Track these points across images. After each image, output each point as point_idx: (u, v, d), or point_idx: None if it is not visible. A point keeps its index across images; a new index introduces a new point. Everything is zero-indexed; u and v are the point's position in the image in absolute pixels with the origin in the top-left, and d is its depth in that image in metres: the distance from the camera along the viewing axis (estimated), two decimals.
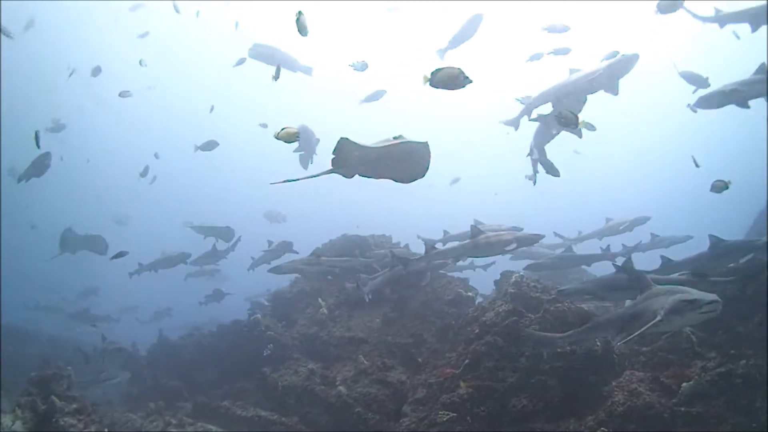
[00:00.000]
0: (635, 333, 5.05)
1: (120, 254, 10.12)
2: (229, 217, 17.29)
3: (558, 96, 9.39)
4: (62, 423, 6.88)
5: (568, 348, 6.49)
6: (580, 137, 9.37)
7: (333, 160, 5.32)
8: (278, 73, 8.30)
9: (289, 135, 5.63)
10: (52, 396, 7.02)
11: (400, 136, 5.24)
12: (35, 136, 8.69)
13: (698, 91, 9.17)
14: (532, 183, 10.55)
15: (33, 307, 18.65)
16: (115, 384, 11.20)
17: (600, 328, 6.04)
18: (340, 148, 5.14)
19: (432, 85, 5.46)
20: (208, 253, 12.96)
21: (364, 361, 8.26)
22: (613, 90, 9.03)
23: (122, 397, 10.53)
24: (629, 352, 6.83)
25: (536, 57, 11.93)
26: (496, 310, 7.20)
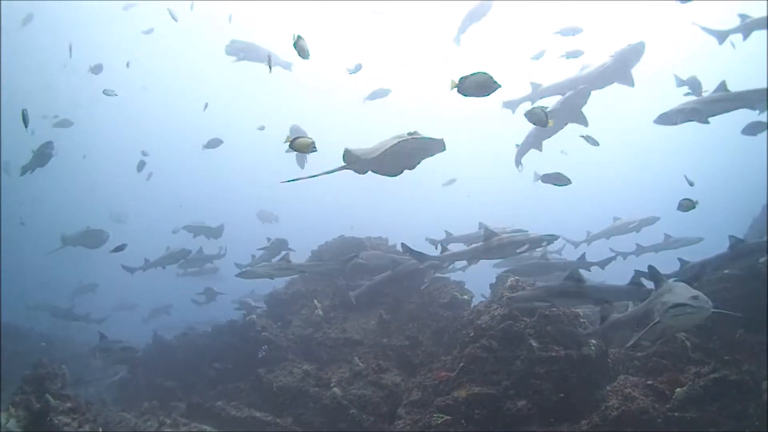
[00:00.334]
0: (640, 333, 5.12)
1: (119, 248, 10.19)
2: (229, 216, 17.29)
3: (566, 89, 9.40)
4: (56, 422, 6.87)
5: (563, 353, 6.48)
6: (586, 125, 9.35)
7: (345, 162, 5.87)
8: (269, 62, 8.95)
9: (303, 145, 5.45)
10: (47, 395, 7.02)
11: (414, 132, 5.56)
12: (23, 115, 8.00)
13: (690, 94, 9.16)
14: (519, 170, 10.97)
15: (33, 306, 18.59)
16: (116, 380, 11.22)
17: (620, 325, 6.25)
18: (347, 157, 5.79)
19: (460, 92, 5.34)
20: (194, 257, 12.77)
21: (359, 363, 8.24)
22: (628, 81, 9.01)
23: (116, 396, 10.50)
24: (623, 357, 6.83)
25: (538, 56, 12.03)
26: (491, 314, 7.18)
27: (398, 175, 6.02)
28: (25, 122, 8.02)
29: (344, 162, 5.85)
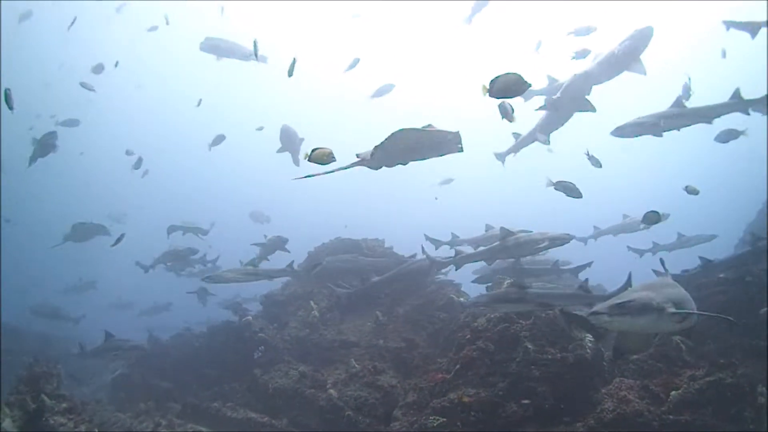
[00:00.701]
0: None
1: (119, 239, 10.49)
2: (223, 215, 17.27)
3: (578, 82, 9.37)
4: (52, 422, 6.86)
5: (559, 355, 6.46)
6: (594, 111, 9.35)
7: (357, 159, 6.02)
8: (255, 49, 9.02)
9: (322, 156, 5.40)
10: (43, 395, 7.01)
11: (429, 125, 5.63)
12: (5, 95, 7.25)
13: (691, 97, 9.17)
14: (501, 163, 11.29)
15: (37, 310, 18.56)
16: (111, 380, 11.21)
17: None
18: (366, 156, 5.93)
19: (492, 95, 5.24)
20: (194, 258, 12.94)
21: (355, 365, 8.21)
22: (639, 69, 8.95)
23: (111, 396, 10.49)
24: (619, 360, 6.80)
25: (538, 47, 12.13)
26: (487, 316, 7.16)
27: (406, 164, 6.02)
28: (9, 104, 7.39)
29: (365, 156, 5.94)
